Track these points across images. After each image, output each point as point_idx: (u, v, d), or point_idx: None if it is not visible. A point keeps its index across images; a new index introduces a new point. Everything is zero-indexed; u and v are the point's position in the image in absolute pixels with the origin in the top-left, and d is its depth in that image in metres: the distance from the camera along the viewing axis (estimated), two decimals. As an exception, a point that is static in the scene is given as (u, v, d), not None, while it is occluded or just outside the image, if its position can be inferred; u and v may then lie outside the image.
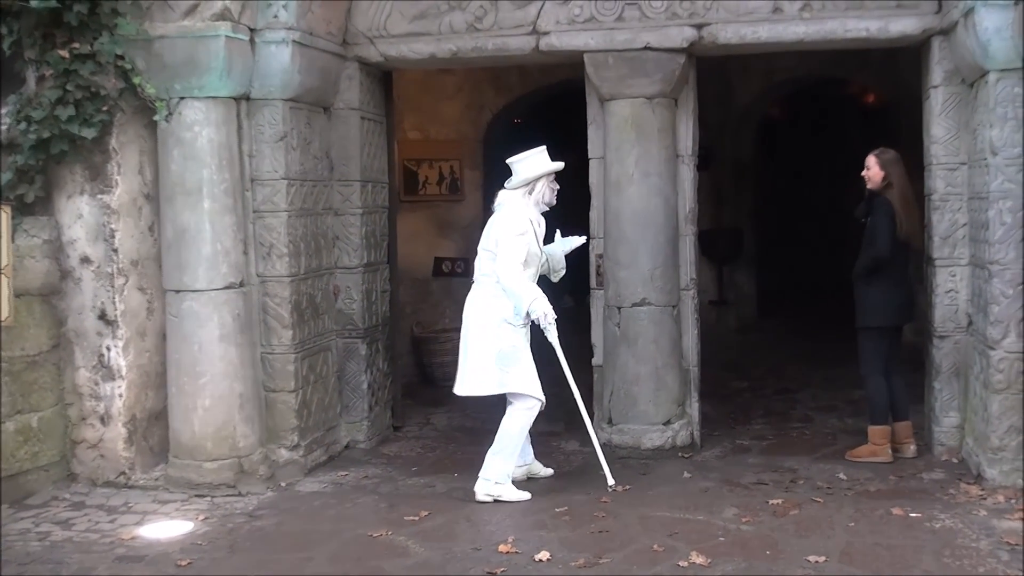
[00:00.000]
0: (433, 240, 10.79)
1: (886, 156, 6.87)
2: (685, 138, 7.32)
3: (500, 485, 6.37)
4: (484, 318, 6.40)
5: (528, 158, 6.50)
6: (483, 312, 6.42)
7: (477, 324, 6.43)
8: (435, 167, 10.78)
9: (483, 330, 6.39)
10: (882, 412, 6.96)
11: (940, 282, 6.85)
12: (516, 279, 6.29)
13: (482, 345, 6.39)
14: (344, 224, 7.52)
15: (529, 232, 6.39)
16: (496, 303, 6.38)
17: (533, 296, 6.28)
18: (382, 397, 7.92)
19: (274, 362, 6.90)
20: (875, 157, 6.89)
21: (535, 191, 6.48)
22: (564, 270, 6.86)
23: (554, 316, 6.30)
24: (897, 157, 6.86)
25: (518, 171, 6.49)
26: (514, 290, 6.29)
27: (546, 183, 6.50)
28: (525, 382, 6.35)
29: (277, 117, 6.80)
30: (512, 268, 6.29)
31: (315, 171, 7.22)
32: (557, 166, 6.52)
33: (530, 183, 6.47)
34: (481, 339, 6.40)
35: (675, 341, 7.29)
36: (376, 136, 7.82)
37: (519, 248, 6.32)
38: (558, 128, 11.64)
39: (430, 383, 10.07)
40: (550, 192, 6.52)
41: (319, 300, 7.29)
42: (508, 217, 6.42)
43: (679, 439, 7.25)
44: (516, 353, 6.35)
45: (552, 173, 6.53)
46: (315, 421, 7.19)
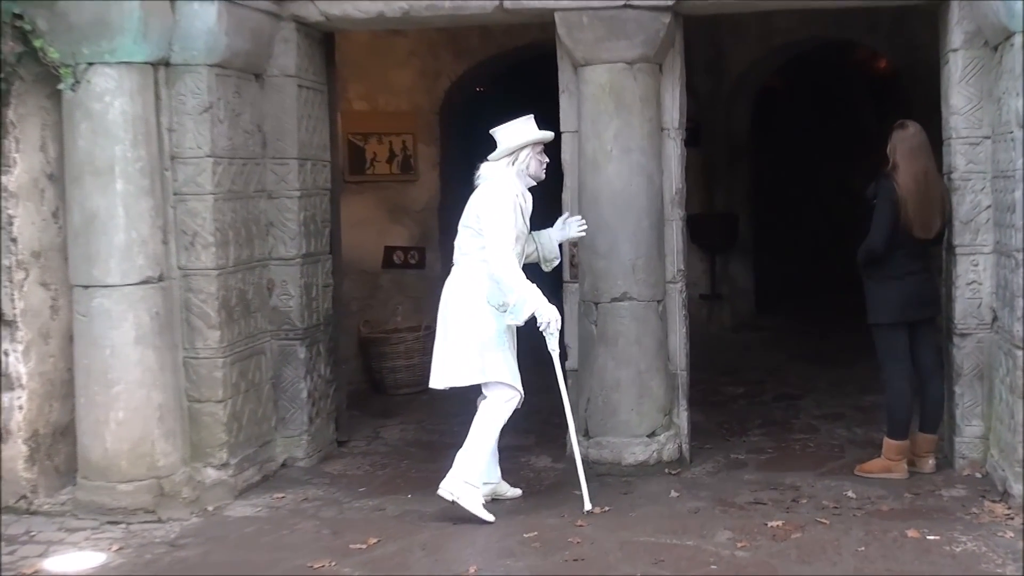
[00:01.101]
0: (383, 226, 10.77)
1: (895, 132, 6.90)
2: (671, 109, 7.32)
3: (467, 485, 6.39)
4: (464, 301, 6.47)
5: (511, 126, 6.59)
6: (463, 295, 6.49)
7: (457, 308, 6.50)
8: (385, 143, 10.75)
9: (463, 315, 6.46)
10: (901, 424, 6.95)
11: (961, 272, 6.89)
12: (509, 267, 6.32)
13: (462, 331, 6.45)
14: (279, 208, 7.48)
15: (517, 205, 6.45)
16: (478, 286, 6.45)
17: (535, 297, 6.31)
18: (324, 407, 7.89)
19: (199, 368, 6.86)
20: (890, 132, 6.95)
21: (519, 161, 6.55)
22: (558, 259, 6.91)
23: (560, 323, 6.40)
24: (911, 133, 6.85)
25: (501, 140, 6.58)
26: (507, 282, 6.32)
27: (532, 153, 6.56)
28: (504, 370, 6.41)
29: (201, 86, 6.75)
30: (503, 251, 6.32)
31: (245, 147, 7.18)
32: (543, 135, 6.60)
33: (513, 152, 6.54)
34: (461, 324, 6.46)
35: (660, 341, 7.30)
36: (316, 107, 7.79)
37: (507, 223, 6.36)
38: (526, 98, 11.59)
39: (380, 391, 10.06)
40: (537, 164, 6.59)
41: (251, 296, 7.25)
42: (491, 189, 6.48)
43: (665, 453, 7.26)
44: (499, 340, 6.41)
45: (539, 143, 6.60)
46: (247, 436, 7.14)
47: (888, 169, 6.84)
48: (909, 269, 6.86)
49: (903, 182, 6.74)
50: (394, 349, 10.03)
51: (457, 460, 6.46)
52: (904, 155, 6.81)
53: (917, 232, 6.77)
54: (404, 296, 10.79)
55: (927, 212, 6.79)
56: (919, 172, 6.77)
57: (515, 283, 6.31)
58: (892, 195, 6.73)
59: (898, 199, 6.72)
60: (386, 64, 10.60)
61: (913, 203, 6.74)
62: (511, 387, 6.41)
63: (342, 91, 9.73)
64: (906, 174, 6.76)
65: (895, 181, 6.75)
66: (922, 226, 6.79)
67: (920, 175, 6.77)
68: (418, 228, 10.85)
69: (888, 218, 6.72)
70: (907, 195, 6.73)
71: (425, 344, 10.06)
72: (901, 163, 6.80)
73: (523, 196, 6.55)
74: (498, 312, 6.44)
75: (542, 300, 6.32)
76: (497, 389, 6.44)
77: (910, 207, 6.73)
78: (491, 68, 11.39)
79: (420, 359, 10.01)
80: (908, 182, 6.74)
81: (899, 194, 6.72)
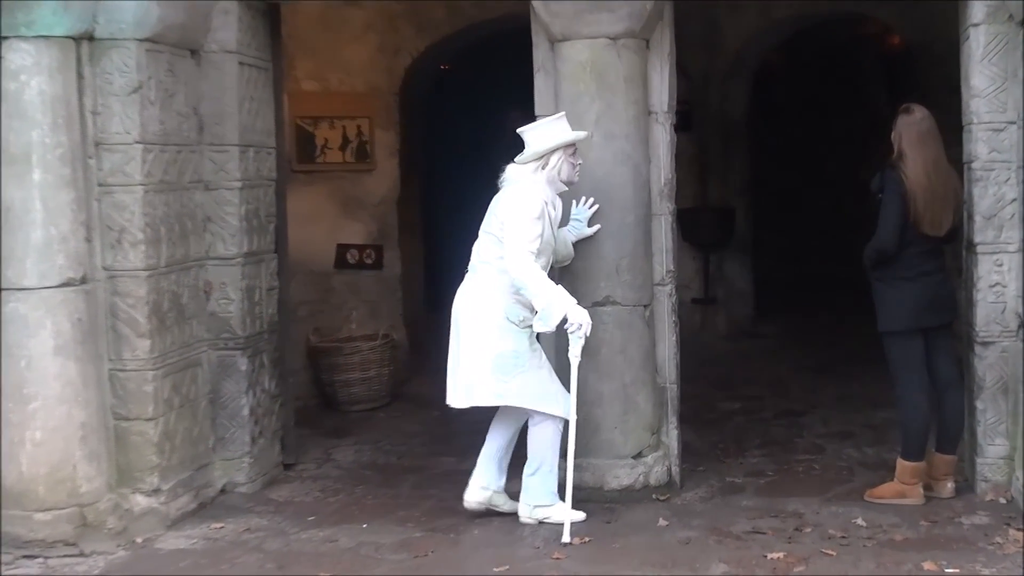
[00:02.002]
0: (335, 222, 10.75)
1: (901, 118, 6.91)
2: (660, 90, 7.34)
3: (543, 507, 6.76)
4: (480, 314, 6.67)
5: (541, 126, 6.78)
6: (479, 306, 6.68)
7: (471, 320, 6.69)
8: (337, 127, 10.74)
9: (477, 328, 6.67)
10: (917, 444, 6.96)
11: (983, 273, 6.92)
12: (531, 272, 6.51)
13: (476, 346, 6.65)
14: (218, 201, 7.46)
15: (545, 215, 6.62)
16: (496, 297, 6.64)
17: (564, 299, 6.52)
18: (268, 426, 7.87)
19: (127, 381, 6.84)
20: (894, 118, 6.97)
21: (549, 166, 6.74)
22: (571, 258, 7.11)
23: (590, 329, 6.58)
24: (918, 119, 6.86)
25: (530, 142, 6.76)
26: (531, 287, 6.51)
27: (564, 157, 6.75)
28: (529, 396, 6.67)
29: (130, 63, 6.72)
30: (525, 257, 6.51)
31: (180, 133, 7.15)
32: (578, 135, 6.79)
33: (543, 157, 6.71)
34: (475, 339, 6.66)
35: (648, 351, 7.32)
36: (260, 87, 7.78)
37: (533, 232, 6.54)
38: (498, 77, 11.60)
39: (332, 407, 10.05)
40: (569, 168, 6.79)
41: (185, 300, 7.23)
42: (519, 195, 6.65)
43: (653, 476, 7.27)
44: (518, 360, 6.64)
45: (572, 145, 6.78)
46: (181, 458, 7.12)
47: (894, 159, 6.86)
48: (922, 269, 6.87)
49: (911, 173, 6.75)
50: (348, 360, 10.01)
51: (524, 484, 6.84)
52: (911, 143, 6.82)
53: (926, 229, 6.78)
54: (359, 300, 10.77)
55: (937, 207, 6.81)
56: (928, 162, 6.78)
57: (540, 287, 6.50)
58: (899, 188, 6.74)
59: (906, 192, 6.73)
60: (339, 39, 10.58)
61: (922, 197, 6.74)
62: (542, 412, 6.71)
63: (289, 69, 9.72)
64: (914, 164, 6.77)
65: (902, 172, 6.76)
66: (932, 222, 6.80)
67: (930, 165, 6.78)
68: (375, 224, 10.83)
69: (897, 213, 6.74)
70: (916, 188, 6.73)
71: (383, 354, 10.09)
72: (908, 152, 6.81)
73: (552, 204, 6.75)
74: (518, 329, 6.63)
75: (571, 301, 6.53)
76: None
77: (919, 201, 6.74)
78: (458, 43, 11.39)
79: (377, 371, 10.03)
80: (917, 173, 6.75)
81: (907, 187, 6.74)
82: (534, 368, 6.69)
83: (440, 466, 8.13)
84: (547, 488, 6.78)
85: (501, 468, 6.99)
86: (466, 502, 6.94)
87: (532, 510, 6.78)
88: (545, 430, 6.75)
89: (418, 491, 7.60)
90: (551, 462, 6.79)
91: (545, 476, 6.78)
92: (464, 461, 7.38)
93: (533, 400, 6.69)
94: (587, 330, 6.56)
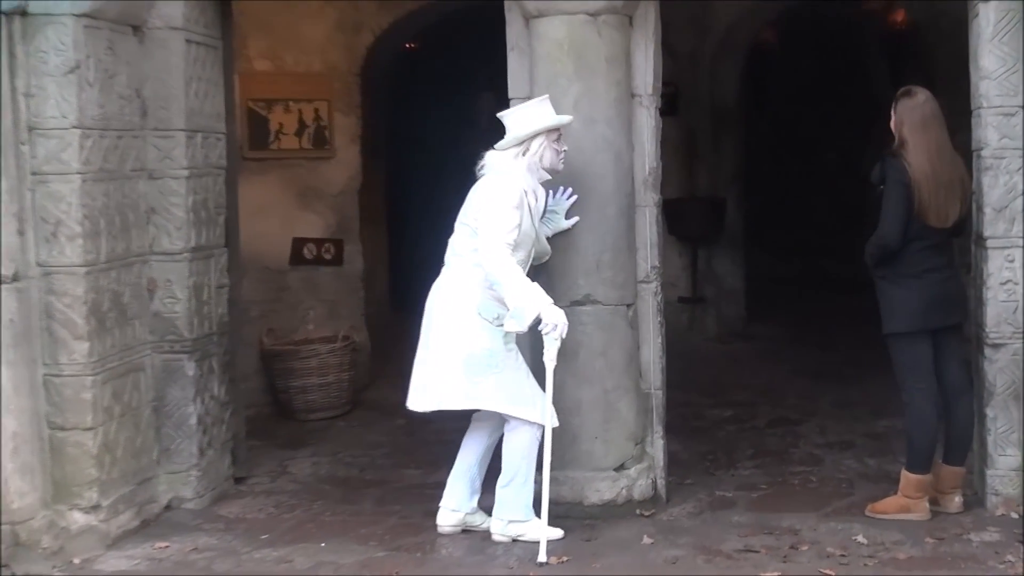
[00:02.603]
0: (291, 214, 10.72)
1: (903, 102, 6.91)
2: (644, 71, 7.34)
3: (518, 523, 6.75)
4: (451, 310, 6.70)
5: (522, 110, 6.84)
6: (450, 302, 6.71)
7: (441, 317, 6.72)
8: (293, 111, 10.70)
9: (448, 325, 6.69)
10: (923, 454, 6.97)
11: (993, 270, 6.94)
12: (505, 265, 6.52)
13: (446, 345, 6.68)
14: (163, 191, 7.44)
15: (524, 205, 6.63)
16: (469, 292, 6.67)
17: (539, 298, 6.52)
18: (218, 436, 7.86)
19: (63, 388, 6.81)
20: (893, 102, 6.97)
21: (531, 152, 6.77)
22: (547, 255, 7.11)
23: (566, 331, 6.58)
24: (921, 101, 6.87)
25: (510, 127, 6.80)
26: (505, 283, 6.51)
27: (546, 142, 6.78)
28: (503, 398, 6.67)
29: (66, 40, 6.69)
30: (500, 249, 6.52)
31: (121, 117, 7.13)
32: (562, 120, 6.82)
33: (524, 142, 6.75)
34: (445, 337, 6.69)
35: (631, 354, 7.33)
36: (208, 67, 7.76)
37: (510, 223, 6.56)
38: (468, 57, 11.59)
39: (287, 415, 10.04)
40: (552, 154, 6.82)
41: (127, 300, 7.21)
42: (496, 183, 6.68)
43: (637, 490, 7.28)
44: (492, 360, 6.64)
45: (555, 130, 6.80)
46: (122, 471, 7.10)
47: (895, 147, 6.86)
48: (929, 266, 6.87)
49: (914, 161, 6.75)
50: (304, 364, 10.00)
51: (497, 497, 6.82)
52: (914, 128, 6.82)
53: (932, 220, 6.78)
54: (317, 299, 10.75)
55: (943, 196, 6.81)
56: (932, 148, 6.79)
57: (514, 283, 6.49)
58: (902, 177, 6.74)
59: (910, 181, 6.74)
60: (295, 15, 10.55)
61: (927, 186, 6.74)
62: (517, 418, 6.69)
63: (240, 48, 9.69)
64: (918, 151, 6.77)
65: (905, 160, 6.77)
66: (938, 213, 6.80)
67: (934, 151, 6.79)
68: (334, 216, 10.80)
69: (900, 205, 6.74)
70: (920, 176, 6.73)
71: (342, 358, 10.07)
72: (911, 138, 6.81)
73: (534, 193, 6.76)
74: (492, 327, 6.63)
75: (546, 300, 6.52)
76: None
77: (924, 191, 6.74)
78: (424, 20, 11.37)
79: (336, 376, 10.02)
80: (921, 161, 6.75)
81: (910, 176, 6.74)
82: (509, 369, 6.69)
83: (405, 480, 8.13)
84: (521, 502, 6.78)
85: (473, 487, 6.99)
86: (439, 526, 6.95)
87: (506, 526, 6.78)
88: (520, 437, 6.75)
89: (381, 507, 7.59)
90: (526, 473, 6.78)
91: (519, 489, 6.77)
92: (431, 474, 7.39)
93: (506, 403, 6.69)
94: (563, 331, 6.56)
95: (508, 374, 6.68)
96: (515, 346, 6.74)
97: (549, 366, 6.60)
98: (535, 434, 6.72)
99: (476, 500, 7.01)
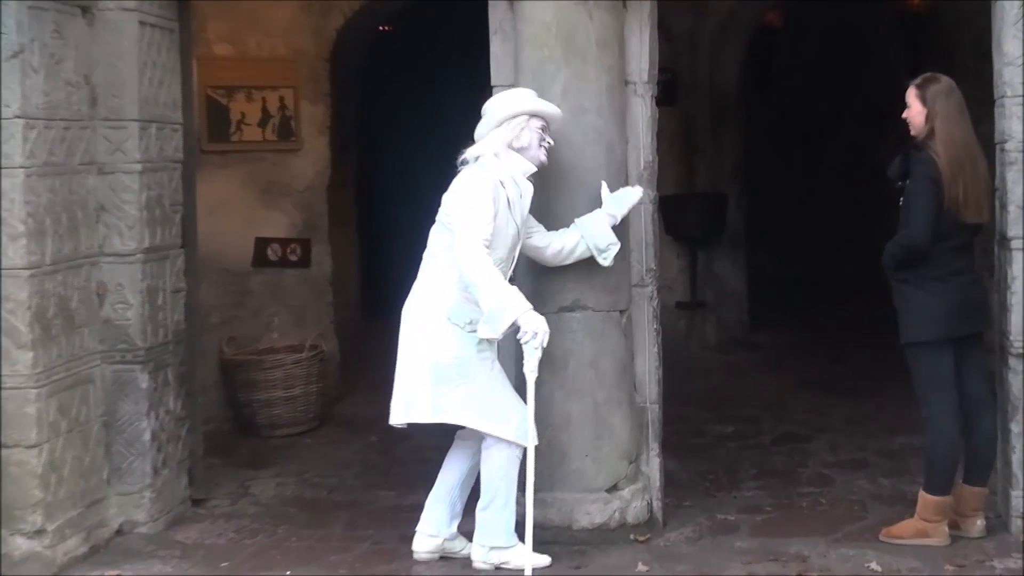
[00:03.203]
0: (254, 212, 10.72)
1: (931, 88, 6.90)
2: (638, 56, 7.35)
3: (500, 550, 6.74)
4: (420, 314, 6.69)
5: (500, 96, 6.86)
6: (419, 305, 6.71)
7: (411, 322, 6.73)
8: (256, 99, 10.70)
9: (417, 332, 6.69)
10: (944, 475, 6.95)
11: (1017, 273, 6.94)
12: (479, 264, 6.47)
13: (414, 352, 6.67)
14: (114, 187, 7.43)
15: (498, 194, 6.59)
16: (439, 295, 6.66)
17: (516, 303, 6.44)
18: (174, 454, 7.85)
19: (5, 401, 6.79)
20: (915, 89, 6.95)
21: (506, 133, 6.74)
22: (616, 246, 7.01)
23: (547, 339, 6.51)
24: (948, 89, 6.88)
25: (488, 112, 6.80)
26: (479, 283, 6.45)
27: (526, 128, 6.75)
28: (472, 412, 6.64)
29: (8, 22, 6.67)
30: (474, 248, 6.48)
31: (69, 106, 7.13)
32: (542, 107, 6.79)
33: (501, 124, 6.75)
34: (413, 344, 6.68)
35: (624, 365, 7.33)
36: (164, 52, 7.75)
37: (481, 218, 6.52)
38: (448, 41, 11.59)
39: (249, 432, 10.04)
40: (534, 139, 6.77)
41: (75, 305, 7.20)
42: (466, 174, 6.68)
43: (631, 513, 7.28)
44: (461, 369, 6.60)
45: (537, 116, 6.77)
46: (69, 492, 7.08)
47: (921, 138, 6.84)
48: (956, 267, 6.85)
49: (947, 153, 6.71)
50: (268, 376, 10.00)
51: (477, 521, 6.79)
52: (947, 117, 6.78)
53: (970, 216, 6.77)
54: (282, 305, 10.74)
55: (978, 188, 6.80)
56: (969, 138, 6.79)
57: (488, 284, 6.43)
58: (931, 172, 6.71)
59: (939, 176, 6.72)
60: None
61: (964, 178, 6.70)
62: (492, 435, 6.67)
63: (199, 31, 9.68)
64: (949, 142, 6.73)
65: (933, 153, 6.75)
66: (977, 207, 6.79)
67: (971, 142, 6.79)
68: (301, 214, 10.80)
69: (931, 202, 6.69)
70: (954, 169, 6.70)
71: (309, 369, 10.06)
72: (942, 128, 6.77)
73: (515, 183, 6.72)
74: (464, 332, 6.59)
75: (525, 305, 6.45)
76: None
77: (959, 184, 6.70)
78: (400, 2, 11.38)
79: (303, 389, 10.01)
80: (955, 152, 6.71)
81: (940, 169, 6.73)
82: (481, 380, 6.64)
83: (377, 502, 8.12)
84: (502, 526, 6.75)
85: (454, 510, 6.96)
86: (415, 553, 6.93)
87: (487, 553, 6.76)
88: (497, 456, 6.71)
89: (351, 532, 7.59)
90: (505, 495, 6.75)
91: (499, 511, 6.74)
92: (407, 496, 7.38)
93: (476, 417, 6.64)
94: (543, 340, 6.48)
95: (479, 385, 6.64)
96: (491, 354, 6.71)
97: (530, 378, 6.54)
98: (514, 452, 6.70)
99: (456, 525, 6.99)
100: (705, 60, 12.64)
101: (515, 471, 6.72)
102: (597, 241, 6.93)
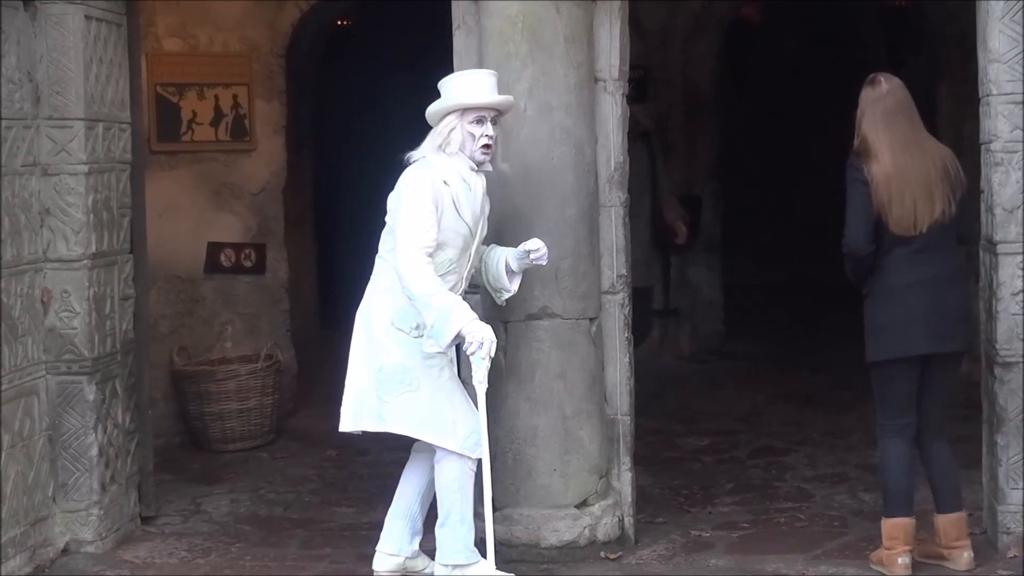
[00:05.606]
0: (205, 215, 10.70)
1: (864, 92, 6.91)
2: (608, 52, 7.38)
3: (461, 568, 6.68)
4: (364, 318, 6.70)
5: (443, 83, 6.76)
6: (365, 310, 6.71)
7: (360, 326, 6.73)
8: (208, 97, 10.68)
9: (362, 336, 6.68)
10: (893, 496, 6.84)
11: (1004, 278, 6.96)
12: (418, 273, 6.40)
13: (362, 358, 6.66)
14: (59, 190, 7.42)
15: (440, 194, 6.50)
16: (384, 298, 6.63)
17: (460, 312, 6.36)
18: (123, 470, 7.84)
19: (-57, 415, 6.79)
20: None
21: (437, 134, 6.67)
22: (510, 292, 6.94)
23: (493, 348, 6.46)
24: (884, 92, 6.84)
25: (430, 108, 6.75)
26: (418, 293, 6.39)
27: (456, 129, 6.64)
28: (413, 421, 6.58)
29: (-54, 15, 6.69)
30: (413, 257, 6.42)
31: (10, 104, 7.11)
32: (480, 98, 6.64)
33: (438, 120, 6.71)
34: (362, 348, 6.67)
35: (594, 375, 7.35)
36: (111, 47, 7.75)
37: (422, 223, 6.44)
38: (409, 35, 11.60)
39: (201, 446, 10.03)
40: (467, 139, 6.63)
41: (17, 313, 7.19)
42: (406, 177, 6.62)
43: (601, 530, 7.30)
44: (405, 376, 6.56)
45: (474, 110, 6.64)
46: (12, 510, 7.07)
47: (857, 144, 6.82)
48: (913, 278, 6.65)
49: (875, 159, 6.69)
50: (221, 387, 9.98)
51: (438, 539, 6.73)
52: (874, 123, 6.78)
53: (893, 228, 6.62)
54: (235, 313, 10.73)
55: (909, 199, 6.63)
56: (896, 144, 6.70)
57: (428, 294, 6.36)
58: (861, 176, 6.68)
59: (870, 180, 6.66)
60: (209, -13, 10.57)
61: (888, 188, 6.63)
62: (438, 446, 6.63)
63: (148, 25, 9.67)
64: (880, 148, 6.70)
65: (864, 158, 6.72)
66: (900, 219, 6.63)
67: (898, 148, 6.69)
68: (255, 217, 10.78)
69: (861, 207, 6.65)
70: (880, 177, 6.64)
71: (264, 381, 10.06)
72: (870, 133, 6.76)
73: (462, 179, 6.63)
74: (409, 338, 6.56)
75: (468, 315, 6.38)
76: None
77: (883, 193, 6.63)
78: (359, -7, 11.42)
79: (257, 401, 10.00)
80: (883, 159, 6.67)
81: (868, 174, 6.67)
82: (427, 388, 6.57)
83: (335, 519, 8.13)
84: (460, 542, 6.70)
85: (414, 527, 6.94)
86: (375, 573, 6.90)
87: (449, 571, 6.74)
88: (449, 469, 6.65)
89: (308, 551, 7.59)
90: (460, 510, 6.68)
91: (456, 527, 6.69)
92: (365, 513, 7.39)
93: (417, 427, 6.58)
94: (490, 349, 6.42)
95: (424, 394, 6.57)
96: (441, 362, 6.62)
97: (479, 389, 6.51)
98: (466, 464, 6.65)
99: (417, 542, 6.98)
100: (678, 56, 12.67)
101: (470, 485, 6.68)
102: (491, 279, 6.92)
